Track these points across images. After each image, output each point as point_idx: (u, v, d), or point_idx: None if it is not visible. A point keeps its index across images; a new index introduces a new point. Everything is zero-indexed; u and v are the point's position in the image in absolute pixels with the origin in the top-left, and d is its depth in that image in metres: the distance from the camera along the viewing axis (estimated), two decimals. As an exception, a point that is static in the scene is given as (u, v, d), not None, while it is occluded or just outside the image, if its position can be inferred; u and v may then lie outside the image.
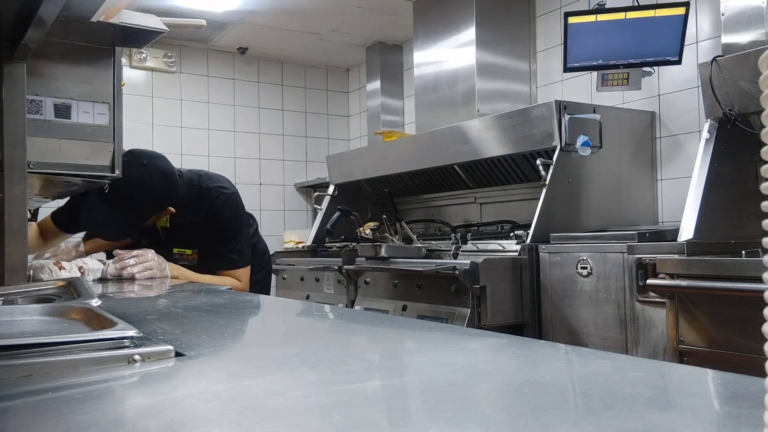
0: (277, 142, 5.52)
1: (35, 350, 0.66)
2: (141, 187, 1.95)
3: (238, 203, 2.23)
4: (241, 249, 2.21)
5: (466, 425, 0.47)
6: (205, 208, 2.14)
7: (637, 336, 2.29)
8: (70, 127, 1.29)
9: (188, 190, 2.15)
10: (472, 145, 3.32)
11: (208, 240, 2.18)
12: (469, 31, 3.66)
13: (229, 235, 2.18)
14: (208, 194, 2.15)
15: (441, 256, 3.14)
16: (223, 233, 2.18)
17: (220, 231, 2.17)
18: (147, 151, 2.13)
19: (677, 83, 3.10)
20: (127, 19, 1.22)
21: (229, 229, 2.18)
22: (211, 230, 2.15)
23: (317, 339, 0.85)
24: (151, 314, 1.14)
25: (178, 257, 2.18)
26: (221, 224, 2.16)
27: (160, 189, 2.02)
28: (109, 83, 1.35)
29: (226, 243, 2.18)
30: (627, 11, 2.93)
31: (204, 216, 2.15)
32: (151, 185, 1.98)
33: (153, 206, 2.04)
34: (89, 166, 1.37)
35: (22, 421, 0.51)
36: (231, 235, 2.19)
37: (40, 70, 1.25)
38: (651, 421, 0.46)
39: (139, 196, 1.96)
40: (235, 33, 4.82)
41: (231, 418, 0.49)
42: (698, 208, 2.29)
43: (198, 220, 2.15)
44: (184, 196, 2.13)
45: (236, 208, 2.22)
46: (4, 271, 1.17)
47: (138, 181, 1.93)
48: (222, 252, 2.18)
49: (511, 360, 0.74)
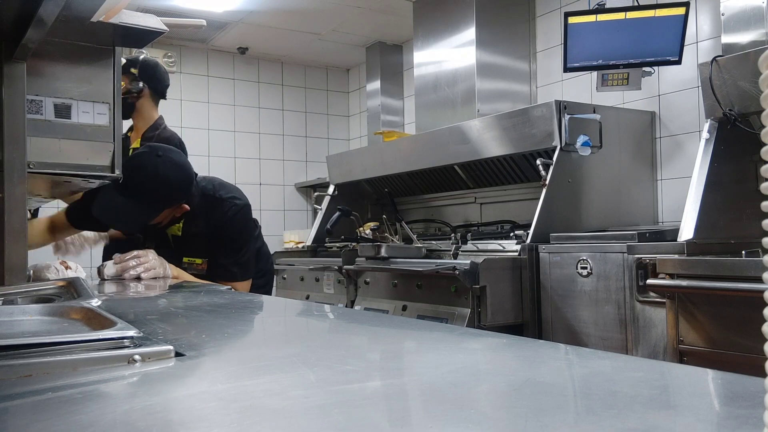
0: (277, 142, 5.52)
1: (35, 350, 0.66)
2: (155, 178, 1.94)
3: (249, 216, 2.22)
4: (244, 263, 2.19)
5: (466, 425, 0.47)
6: (216, 217, 2.13)
7: (637, 336, 2.29)
8: (70, 127, 1.29)
9: (202, 199, 2.13)
10: (472, 145, 3.32)
11: (213, 249, 2.17)
12: (469, 31, 3.66)
13: (235, 247, 2.17)
14: (221, 204, 2.14)
15: (441, 256, 3.14)
16: (230, 245, 2.16)
17: (228, 242, 2.16)
18: (163, 145, 2.13)
19: (677, 83, 3.10)
20: (127, 19, 1.22)
21: (236, 241, 2.17)
22: (218, 239, 2.14)
23: (317, 339, 0.85)
24: (151, 314, 1.13)
25: (187, 266, 2.16)
26: (229, 235, 2.15)
27: (175, 181, 2.00)
28: (109, 83, 1.35)
29: (231, 254, 2.17)
30: (627, 11, 2.93)
31: (213, 225, 2.13)
32: (165, 176, 1.96)
33: (166, 198, 2.01)
34: (89, 166, 1.37)
35: (22, 421, 0.51)
36: (237, 247, 2.17)
37: (40, 70, 1.25)
38: (651, 421, 0.46)
39: (152, 185, 1.94)
40: (235, 33, 4.82)
41: (231, 418, 0.49)
42: (698, 208, 2.29)
43: (208, 229, 2.14)
44: (198, 205, 2.11)
45: (246, 220, 2.21)
46: (4, 271, 1.17)
47: (153, 172, 1.92)
48: (225, 262, 2.16)
49: (511, 360, 0.74)
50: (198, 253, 2.18)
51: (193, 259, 2.17)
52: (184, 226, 2.16)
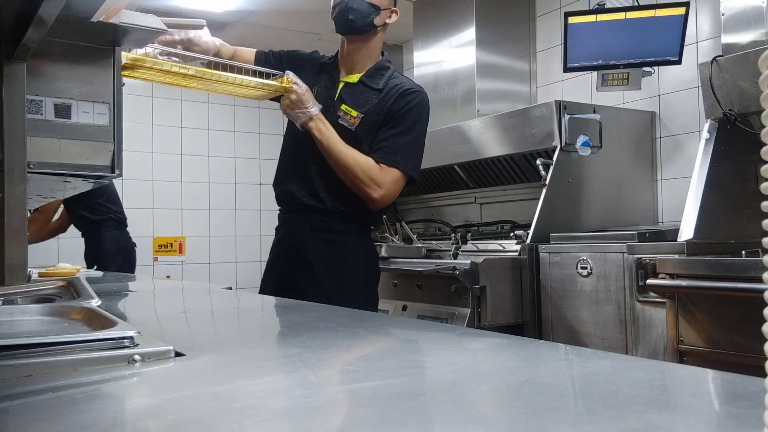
0: (277, 142, 5.50)
1: (35, 350, 0.66)
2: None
3: (428, 111, 2.03)
4: (408, 151, 1.95)
5: (466, 425, 0.47)
6: (394, 95, 1.96)
7: (637, 336, 2.29)
8: (70, 127, 1.29)
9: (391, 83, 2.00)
10: (472, 145, 3.32)
11: (375, 122, 1.95)
12: (469, 31, 3.66)
13: (403, 129, 1.94)
14: (406, 93, 1.98)
15: (441, 256, 3.14)
16: (398, 124, 1.94)
17: (396, 120, 1.94)
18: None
19: (677, 83, 3.10)
20: (127, 19, 1.22)
21: (406, 122, 1.94)
22: (386, 117, 1.95)
23: (317, 339, 0.85)
24: (152, 314, 1.14)
25: (342, 114, 1.97)
26: (401, 116, 1.95)
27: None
28: (109, 83, 1.35)
29: (395, 136, 1.93)
30: (627, 11, 2.93)
31: (388, 101, 1.96)
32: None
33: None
34: (89, 166, 1.37)
35: (22, 421, 0.51)
36: (405, 129, 1.94)
37: (40, 70, 1.25)
38: (651, 421, 0.46)
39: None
40: (235, 33, 4.82)
41: (231, 418, 0.49)
42: (698, 208, 2.29)
43: (379, 100, 1.97)
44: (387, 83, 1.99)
45: (425, 111, 2.02)
46: (4, 271, 1.17)
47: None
48: (387, 144, 1.92)
49: (511, 360, 0.74)
50: (358, 106, 1.98)
51: (350, 109, 1.97)
52: (362, 79, 2.01)
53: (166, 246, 5.12)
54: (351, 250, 1.98)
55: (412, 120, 1.95)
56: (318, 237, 1.97)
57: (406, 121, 1.94)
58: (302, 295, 1.75)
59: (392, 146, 1.92)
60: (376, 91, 1.98)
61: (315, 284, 1.92)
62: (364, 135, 1.94)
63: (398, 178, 1.94)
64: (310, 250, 1.97)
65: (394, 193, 1.96)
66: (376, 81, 2.00)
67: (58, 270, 1.84)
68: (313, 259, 1.95)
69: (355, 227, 2.00)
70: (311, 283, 1.93)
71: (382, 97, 1.96)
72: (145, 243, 4.87)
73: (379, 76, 2.02)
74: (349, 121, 1.95)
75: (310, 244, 1.97)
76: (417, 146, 1.99)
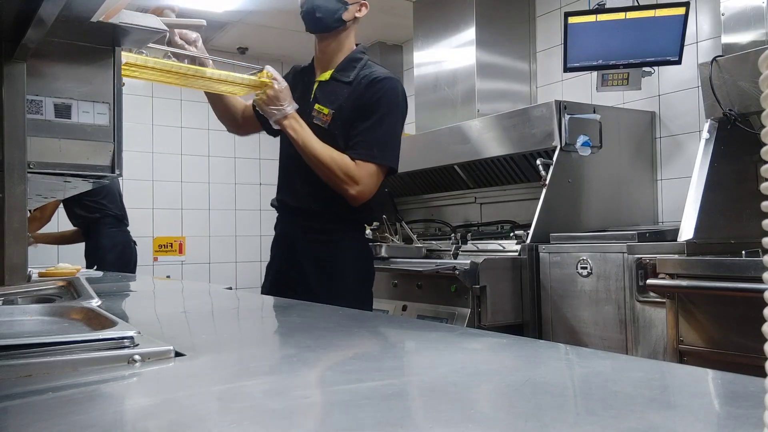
0: (277, 142, 5.51)
1: (35, 350, 0.66)
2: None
3: (400, 97, 1.96)
4: (383, 142, 1.90)
5: (466, 425, 0.47)
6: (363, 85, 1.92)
7: (637, 336, 2.29)
8: (70, 127, 1.29)
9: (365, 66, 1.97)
10: (472, 145, 3.32)
11: (348, 117, 1.91)
12: (469, 31, 3.66)
13: (375, 121, 1.89)
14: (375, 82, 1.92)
15: (441, 256, 3.14)
16: (370, 115, 1.89)
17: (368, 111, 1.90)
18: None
19: (677, 83, 3.10)
20: (127, 19, 1.22)
21: (377, 113, 1.89)
22: (357, 109, 1.91)
23: (317, 339, 0.85)
24: (152, 314, 1.14)
25: (316, 114, 1.94)
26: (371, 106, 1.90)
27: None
28: (109, 83, 1.35)
29: (368, 129, 1.88)
30: (627, 11, 2.93)
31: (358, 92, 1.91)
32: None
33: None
34: (89, 166, 1.37)
35: (22, 421, 0.51)
36: (378, 120, 1.89)
37: (40, 70, 1.25)
38: (651, 421, 0.46)
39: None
40: (235, 33, 4.82)
41: (231, 418, 0.49)
42: (698, 208, 2.29)
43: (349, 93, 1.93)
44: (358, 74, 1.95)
45: (396, 97, 1.94)
46: (4, 271, 1.17)
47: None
48: (362, 138, 1.89)
49: (511, 360, 0.74)
50: (330, 103, 1.95)
51: (322, 108, 1.95)
52: (333, 75, 1.99)
53: (166, 246, 5.12)
54: (341, 252, 1.95)
55: (384, 109, 1.90)
56: (308, 238, 1.96)
57: (378, 111, 1.90)
58: (295, 295, 1.73)
59: (367, 140, 1.89)
60: (347, 84, 1.95)
61: (305, 286, 1.91)
62: (338, 131, 1.91)
63: (375, 172, 1.92)
64: (299, 252, 1.96)
65: (372, 188, 1.93)
66: (347, 74, 1.97)
67: (58, 270, 1.85)
68: (303, 261, 1.94)
69: (344, 226, 1.98)
70: (302, 284, 1.92)
71: (353, 90, 1.93)
72: (145, 243, 4.87)
73: (351, 68, 1.98)
74: (322, 120, 1.93)
75: (300, 245, 1.96)
76: (392, 136, 1.95)
